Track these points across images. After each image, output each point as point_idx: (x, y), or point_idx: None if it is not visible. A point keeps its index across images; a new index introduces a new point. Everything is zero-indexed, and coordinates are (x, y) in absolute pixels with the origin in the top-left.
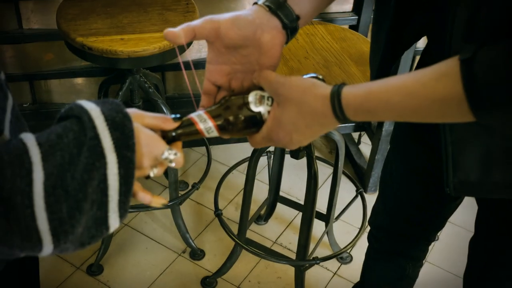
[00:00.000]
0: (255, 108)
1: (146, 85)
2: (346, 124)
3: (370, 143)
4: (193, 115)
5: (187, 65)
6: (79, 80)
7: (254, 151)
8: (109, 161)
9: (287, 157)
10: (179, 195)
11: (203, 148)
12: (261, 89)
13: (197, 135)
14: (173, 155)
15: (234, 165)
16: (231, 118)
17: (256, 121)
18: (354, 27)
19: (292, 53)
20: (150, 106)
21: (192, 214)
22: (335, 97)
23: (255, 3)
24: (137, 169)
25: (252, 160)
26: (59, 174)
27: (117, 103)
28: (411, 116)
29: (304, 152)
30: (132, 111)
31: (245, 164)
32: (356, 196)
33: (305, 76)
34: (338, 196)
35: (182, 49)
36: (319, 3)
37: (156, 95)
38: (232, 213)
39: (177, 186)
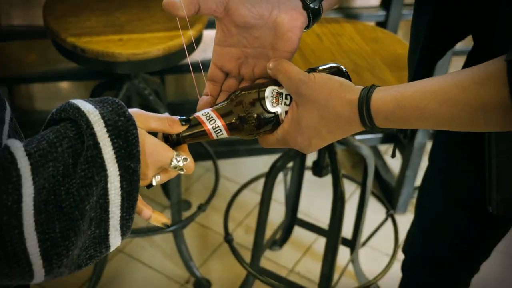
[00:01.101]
0: (271, 107)
1: (146, 91)
2: (374, 136)
3: (399, 155)
4: (199, 114)
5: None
6: (66, 85)
7: (271, 168)
8: (111, 173)
9: (308, 174)
10: (182, 217)
11: (209, 163)
12: (276, 82)
13: (203, 137)
14: (183, 161)
15: (247, 182)
16: (242, 117)
17: (271, 121)
18: (382, 24)
19: (317, 56)
20: None
21: (196, 238)
22: (364, 103)
23: None
24: (140, 180)
25: (269, 178)
26: (52, 189)
27: (119, 103)
28: (449, 124)
29: (329, 169)
30: (135, 113)
31: (257, 182)
32: (385, 219)
33: (323, 67)
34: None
35: (192, 48)
36: None
37: (158, 103)
38: (242, 237)
39: (180, 207)
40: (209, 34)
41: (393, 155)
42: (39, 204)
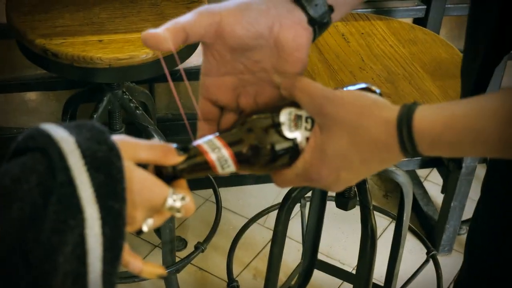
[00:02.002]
0: (289, 133)
1: (132, 104)
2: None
3: (441, 183)
4: (201, 142)
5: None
6: (33, 95)
7: (285, 198)
8: (89, 216)
9: (329, 204)
10: (176, 259)
11: (208, 191)
12: (294, 104)
13: (206, 171)
14: (180, 201)
15: (255, 216)
16: (254, 146)
17: (289, 151)
18: (421, 21)
19: (342, 61)
20: (135, 132)
21: (193, 285)
22: (404, 124)
23: None
24: (127, 225)
25: (283, 211)
26: (16, 236)
27: (99, 128)
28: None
29: (356, 200)
30: (119, 141)
31: (267, 216)
32: (426, 261)
33: (352, 88)
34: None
35: (187, 52)
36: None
37: (145, 119)
38: (249, 283)
39: (173, 246)
40: None
41: (443, 191)
42: (1, 253)
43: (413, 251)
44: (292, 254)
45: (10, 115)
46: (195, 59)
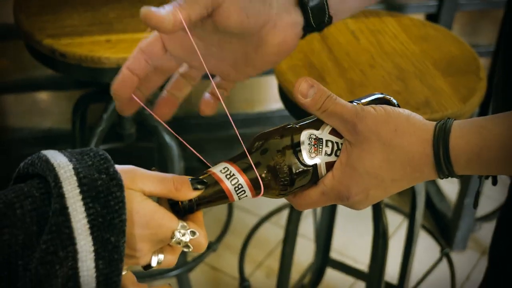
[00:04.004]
0: (308, 159)
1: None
2: None
3: (455, 180)
4: (215, 170)
5: None
6: (44, 96)
7: None
8: (81, 249)
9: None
10: (188, 258)
11: None
12: (311, 124)
13: (220, 201)
14: (189, 236)
15: (268, 214)
16: (272, 171)
17: (308, 176)
18: (433, 17)
19: (352, 59)
20: (146, 133)
21: (205, 284)
22: (441, 144)
23: None
24: (128, 258)
25: (294, 210)
26: (6, 262)
27: (103, 156)
28: None
29: None
30: (126, 171)
31: (280, 214)
32: (440, 259)
33: (366, 99)
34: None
35: None
36: (360, 3)
37: (155, 119)
38: (261, 282)
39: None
40: None
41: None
42: None
43: (427, 249)
44: (305, 253)
45: (22, 116)
46: None
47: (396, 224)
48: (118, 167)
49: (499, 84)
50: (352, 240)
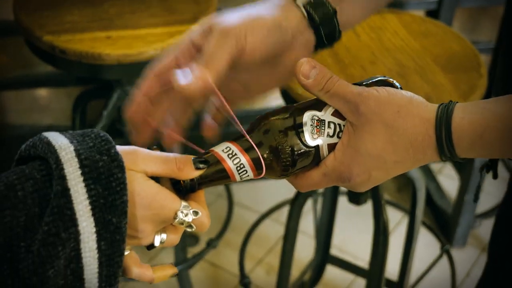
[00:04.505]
0: (311, 140)
1: None
2: None
3: (456, 176)
4: (217, 149)
5: None
6: (44, 92)
7: (298, 193)
8: (83, 230)
9: (341, 198)
10: (188, 255)
11: (220, 187)
12: (314, 105)
13: (222, 180)
14: (192, 216)
15: (268, 211)
16: (274, 151)
17: (310, 157)
18: (433, 14)
19: (353, 55)
20: None
21: (206, 281)
22: (443, 125)
23: None
24: (131, 239)
25: (295, 206)
26: (7, 244)
27: (103, 137)
28: None
29: (368, 195)
30: (128, 152)
31: (280, 211)
32: (440, 256)
33: (369, 81)
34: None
35: None
36: (366, 14)
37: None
38: (262, 279)
39: (185, 243)
40: None
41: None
42: None
43: (427, 245)
44: (305, 249)
45: (22, 113)
46: None
47: (396, 220)
48: (119, 148)
49: (499, 81)
50: (352, 237)
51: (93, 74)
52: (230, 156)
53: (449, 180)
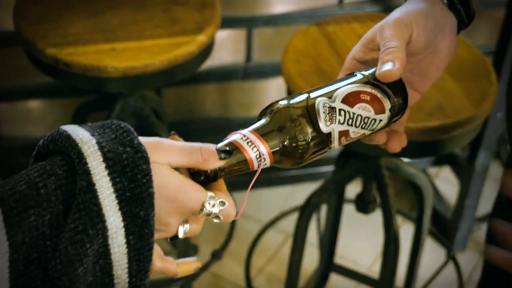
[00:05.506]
0: (325, 127)
1: (144, 112)
2: (424, 158)
3: (455, 181)
4: (237, 139)
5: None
6: (38, 104)
7: (306, 204)
8: (111, 225)
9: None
10: None
11: None
12: (325, 94)
13: (242, 169)
14: (219, 207)
15: (271, 221)
16: (292, 138)
17: (323, 143)
18: None
19: None
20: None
21: None
22: None
23: None
24: (157, 232)
25: (303, 217)
26: (34, 244)
27: (125, 128)
28: None
29: (376, 203)
30: (151, 143)
31: (280, 220)
32: (446, 262)
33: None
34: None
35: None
36: None
37: (159, 126)
38: (263, 287)
39: (188, 254)
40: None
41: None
42: (16, 264)
43: (429, 250)
44: (309, 258)
45: (15, 124)
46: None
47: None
48: (142, 139)
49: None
50: (354, 242)
51: (97, 87)
52: (250, 144)
53: (447, 184)
